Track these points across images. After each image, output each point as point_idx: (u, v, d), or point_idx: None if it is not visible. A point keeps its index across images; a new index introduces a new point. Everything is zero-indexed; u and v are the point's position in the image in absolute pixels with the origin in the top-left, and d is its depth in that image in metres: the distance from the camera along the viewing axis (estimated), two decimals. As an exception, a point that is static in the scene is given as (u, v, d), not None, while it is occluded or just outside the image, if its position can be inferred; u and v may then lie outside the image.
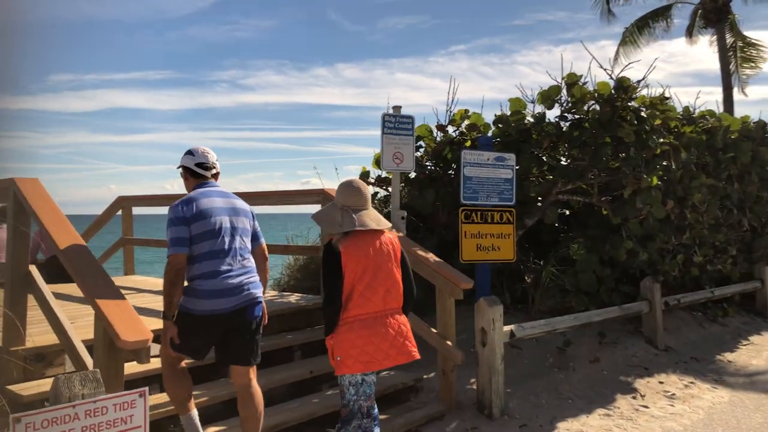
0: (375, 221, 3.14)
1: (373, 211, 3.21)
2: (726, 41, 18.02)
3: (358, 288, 3.02)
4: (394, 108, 5.39)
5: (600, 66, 6.24)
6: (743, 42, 18.37)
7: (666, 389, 5.46)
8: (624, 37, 19.61)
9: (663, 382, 5.63)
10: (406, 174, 6.54)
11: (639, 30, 19.47)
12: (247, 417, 3.29)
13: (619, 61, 18.97)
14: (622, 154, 6.27)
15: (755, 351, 7.00)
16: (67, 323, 3.27)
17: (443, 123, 6.63)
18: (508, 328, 4.83)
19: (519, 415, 4.63)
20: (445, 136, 6.67)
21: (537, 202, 6.50)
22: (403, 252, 3.28)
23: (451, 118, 6.63)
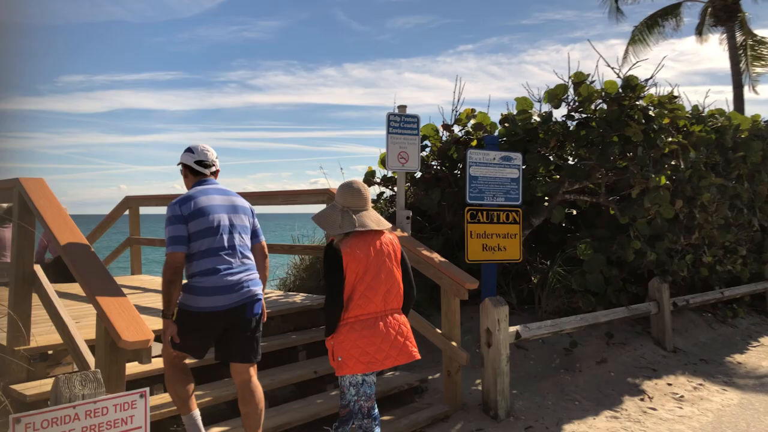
0: (375, 222, 3.16)
1: (373, 212, 3.23)
2: (736, 39, 17.88)
3: (359, 288, 3.03)
4: (399, 107, 5.36)
5: (607, 64, 6.20)
6: (753, 40, 18.20)
7: (674, 391, 5.40)
8: (633, 36, 19.49)
9: (671, 383, 5.58)
10: (411, 174, 6.52)
11: (648, 28, 19.35)
12: (248, 414, 3.29)
13: (629, 60, 18.88)
14: (629, 153, 6.21)
15: (765, 353, 6.92)
16: (71, 323, 3.27)
17: (449, 122, 6.60)
18: (513, 328, 4.79)
19: (525, 417, 4.59)
20: (451, 135, 6.63)
21: (544, 201, 6.45)
22: (403, 252, 3.30)
23: (457, 117, 6.60)
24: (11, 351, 3.48)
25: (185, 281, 3.23)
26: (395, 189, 6.32)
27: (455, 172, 6.70)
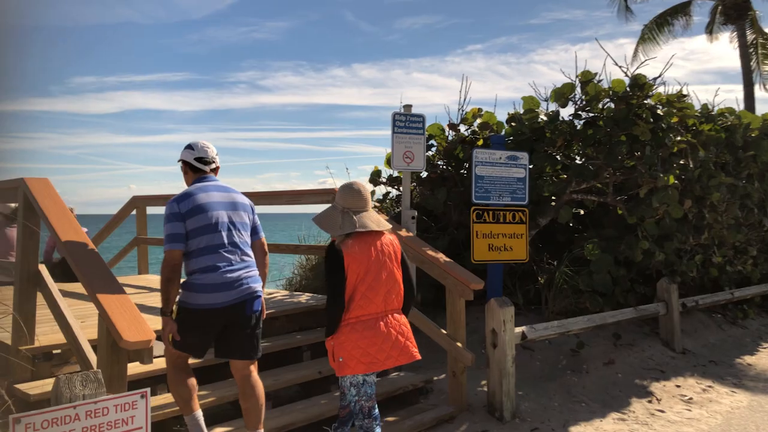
0: (375, 222, 3.16)
1: (373, 213, 3.23)
2: (747, 38, 17.73)
3: (360, 289, 3.04)
4: (404, 107, 5.34)
5: (615, 63, 6.14)
6: (764, 38, 18.05)
7: (683, 393, 5.34)
8: (643, 35, 19.36)
9: (680, 385, 5.52)
10: (417, 173, 6.49)
11: (658, 27, 19.21)
12: (249, 409, 3.29)
13: (638, 59, 18.76)
14: (637, 152, 6.16)
15: (776, 354, 6.84)
16: (75, 323, 3.27)
17: (455, 122, 6.56)
18: (519, 329, 4.75)
19: (530, 418, 4.56)
20: (457, 134, 6.60)
21: (551, 201, 6.40)
22: (403, 253, 3.30)
23: (463, 116, 6.57)
24: (15, 350, 3.49)
25: (185, 279, 3.22)
26: (401, 189, 6.30)
27: (461, 171, 6.67)
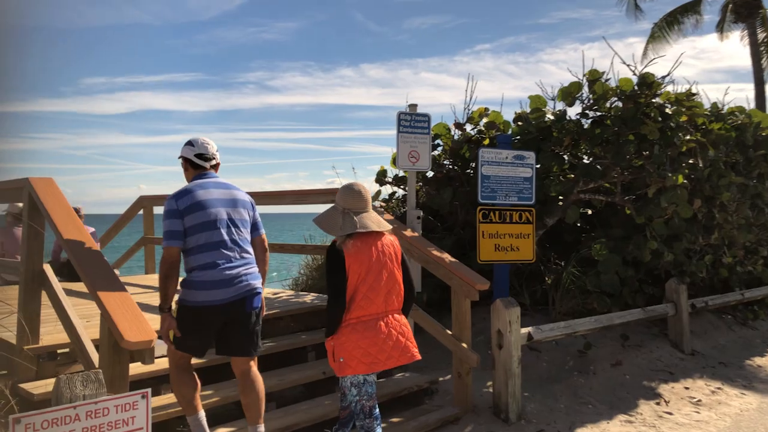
0: (376, 223, 3.17)
1: (374, 213, 3.24)
2: (757, 36, 17.54)
3: (361, 289, 3.05)
4: (409, 106, 5.31)
5: (623, 61, 6.08)
6: (776, 36, 17.84)
7: (692, 395, 5.28)
8: (653, 33, 19.21)
9: (689, 387, 5.45)
10: (422, 173, 6.46)
11: (668, 25, 19.05)
12: (249, 404, 3.29)
13: (648, 58, 18.61)
14: (645, 152, 6.09)
15: (787, 356, 6.75)
16: (78, 322, 3.27)
17: (461, 121, 6.53)
18: (525, 330, 4.72)
19: (536, 420, 4.52)
20: (463, 134, 6.57)
21: (558, 201, 6.35)
22: (404, 253, 3.32)
23: (470, 116, 6.53)
24: (20, 350, 3.50)
25: (185, 276, 3.23)
26: (407, 188, 6.27)
27: (467, 171, 6.63)
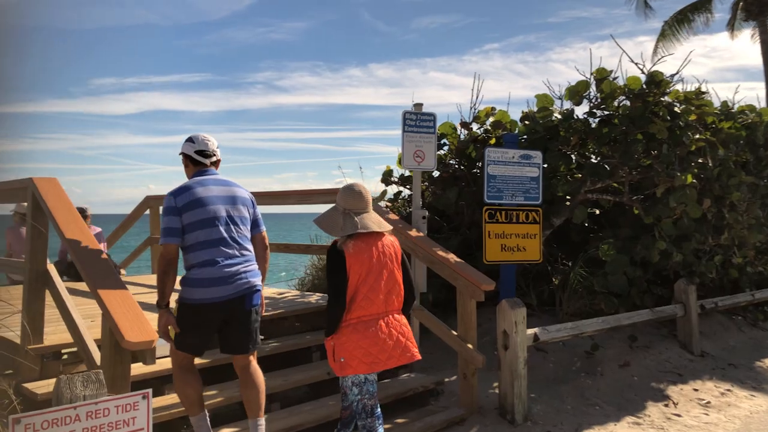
0: (376, 224, 3.18)
1: (374, 214, 3.25)
2: (769, 34, 17.36)
3: (361, 290, 3.06)
4: (415, 105, 5.28)
5: (630, 60, 6.02)
6: (788, 34, 17.64)
7: (701, 397, 5.22)
8: (663, 31, 19.06)
9: (698, 389, 5.39)
10: (428, 173, 6.43)
11: (678, 23, 18.89)
12: (249, 399, 3.29)
13: (658, 56, 18.45)
14: (654, 151, 6.03)
15: (798, 357, 6.66)
16: (81, 322, 3.28)
17: (467, 120, 6.49)
18: (531, 331, 4.67)
19: (543, 421, 4.48)
20: (470, 133, 6.53)
21: (565, 201, 6.30)
22: (404, 254, 3.33)
23: (476, 115, 6.50)
24: (24, 350, 3.50)
25: (184, 273, 3.22)
26: (412, 188, 6.24)
27: (474, 171, 6.59)
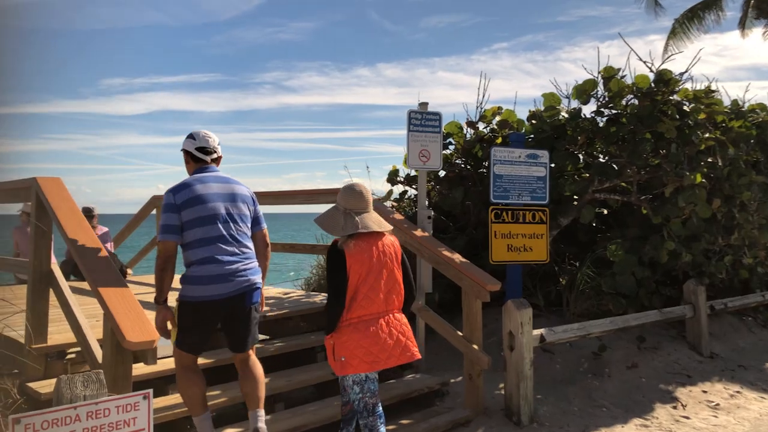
0: (377, 224, 3.19)
1: (375, 214, 3.25)
2: (781, 32, 17.16)
3: (362, 289, 3.06)
4: (420, 105, 5.25)
5: (639, 58, 5.97)
6: (799, 33, 17.43)
7: (710, 399, 5.16)
8: (673, 29, 18.85)
9: (707, 391, 5.33)
10: (434, 172, 6.40)
11: (689, 21, 18.68)
12: (248, 392, 3.29)
13: (669, 54, 18.30)
14: (662, 150, 5.97)
15: (810, 359, 6.57)
16: (84, 322, 3.28)
17: (474, 120, 6.45)
18: (538, 332, 4.63)
19: (549, 423, 4.44)
20: (476, 133, 6.49)
21: (572, 200, 6.25)
22: (403, 254, 3.34)
23: (482, 114, 6.45)
24: (28, 349, 3.51)
25: (184, 271, 3.22)
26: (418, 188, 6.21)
27: (480, 170, 6.55)
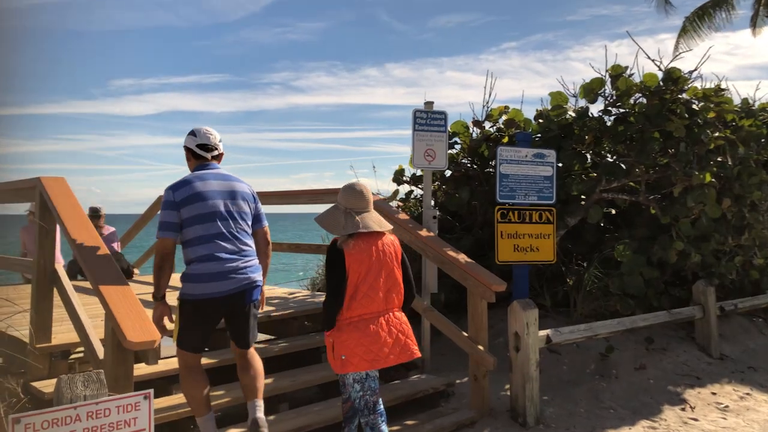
0: (377, 223, 3.19)
1: (375, 213, 3.26)
2: (793, 30, 16.97)
3: (361, 288, 3.06)
4: (425, 104, 5.23)
5: (647, 56, 5.90)
6: (812, 31, 17.23)
7: (719, 401, 5.10)
8: (684, 27, 18.70)
9: (716, 393, 5.26)
10: (440, 172, 6.36)
11: (699, 19, 18.52)
12: (247, 382, 3.31)
13: (680, 53, 18.14)
14: (671, 149, 5.91)
15: (822, 361, 6.48)
16: (87, 321, 3.28)
17: (480, 119, 6.42)
18: (543, 332, 4.59)
19: (555, 424, 4.40)
20: (482, 132, 6.45)
21: (580, 200, 6.20)
22: (403, 253, 3.34)
23: (488, 113, 6.42)
24: (32, 348, 3.52)
25: (184, 268, 3.22)
26: (423, 187, 6.18)
27: (487, 170, 6.52)
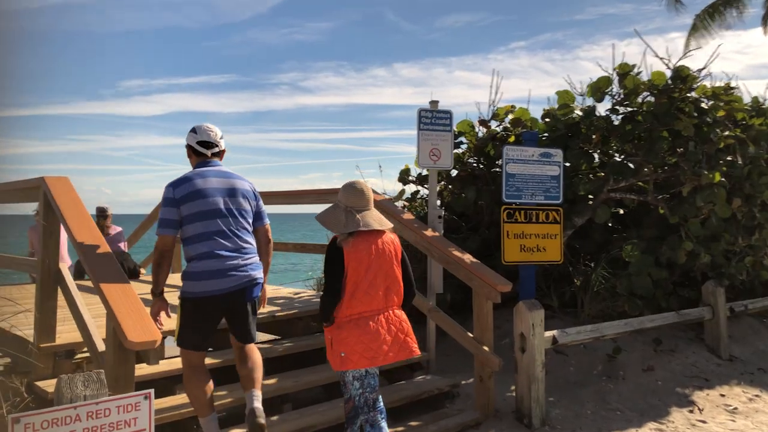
0: (378, 221, 3.19)
1: (375, 212, 3.26)
2: (805, 28, 16.78)
3: (361, 286, 3.07)
4: (431, 103, 5.20)
5: (655, 55, 5.84)
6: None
7: (727, 403, 5.04)
8: (694, 25, 18.54)
9: (725, 394, 5.20)
10: (446, 172, 6.33)
11: (710, 17, 18.36)
12: (245, 373, 3.31)
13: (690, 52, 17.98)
14: (680, 148, 5.84)
15: (833, 363, 6.38)
16: (90, 321, 3.28)
17: (486, 118, 6.38)
18: (550, 333, 4.56)
19: (561, 426, 4.36)
20: (488, 131, 6.41)
21: (587, 200, 6.14)
22: (403, 252, 3.34)
23: (494, 112, 6.37)
24: (36, 348, 3.53)
25: (184, 266, 3.23)
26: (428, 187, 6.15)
27: (493, 169, 6.48)
